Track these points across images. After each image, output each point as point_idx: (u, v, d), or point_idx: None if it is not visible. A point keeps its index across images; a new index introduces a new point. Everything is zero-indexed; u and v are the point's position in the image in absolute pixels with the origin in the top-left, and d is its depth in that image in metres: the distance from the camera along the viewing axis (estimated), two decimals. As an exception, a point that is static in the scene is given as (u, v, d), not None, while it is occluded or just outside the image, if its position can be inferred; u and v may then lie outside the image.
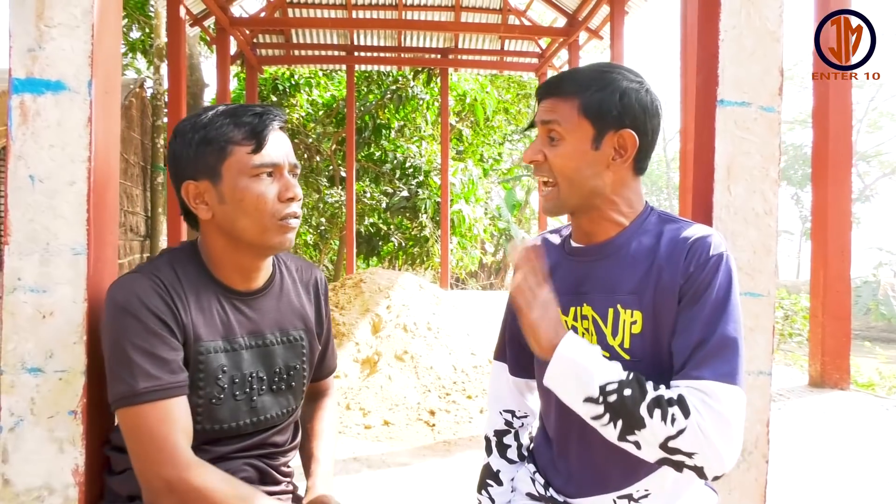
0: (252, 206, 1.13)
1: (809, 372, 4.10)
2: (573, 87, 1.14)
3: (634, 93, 1.13)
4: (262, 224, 1.14)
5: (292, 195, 1.16)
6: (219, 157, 1.13)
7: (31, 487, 1.25)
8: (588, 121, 1.12)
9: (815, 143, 3.93)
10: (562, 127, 1.13)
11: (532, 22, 9.19)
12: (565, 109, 1.14)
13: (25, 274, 1.24)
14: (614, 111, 1.12)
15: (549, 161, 1.15)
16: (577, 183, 1.14)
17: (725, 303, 1.07)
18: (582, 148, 1.13)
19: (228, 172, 1.13)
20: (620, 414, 1.03)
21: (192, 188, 1.16)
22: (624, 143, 1.13)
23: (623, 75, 1.14)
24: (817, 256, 3.94)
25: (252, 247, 1.18)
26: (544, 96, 1.18)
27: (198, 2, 7.47)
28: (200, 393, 1.14)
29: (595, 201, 1.17)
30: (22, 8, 1.24)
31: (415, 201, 11.35)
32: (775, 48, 1.36)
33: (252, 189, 1.13)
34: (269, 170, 1.15)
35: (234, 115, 1.15)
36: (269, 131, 1.15)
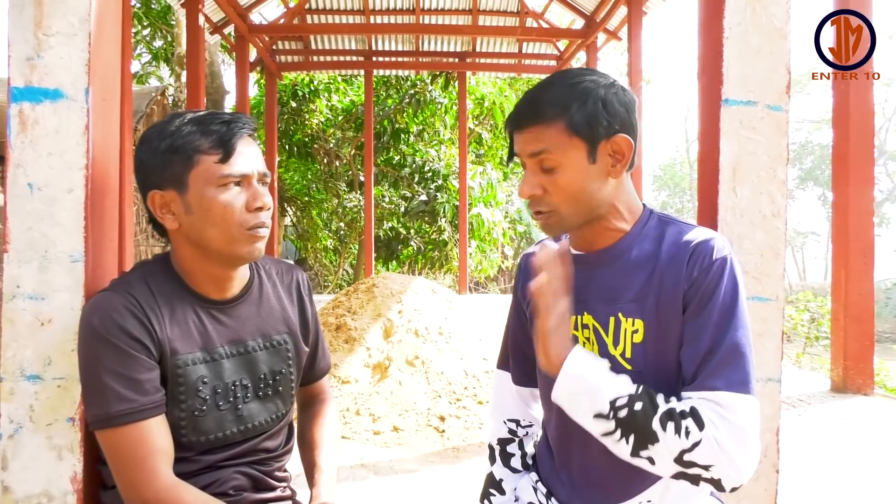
0: (219, 217, 1.11)
1: (831, 377, 4.00)
2: (554, 110, 1.08)
3: (614, 96, 1.10)
4: (230, 234, 1.12)
5: (261, 204, 1.13)
6: (185, 166, 1.11)
7: (30, 495, 1.25)
8: (579, 138, 1.08)
9: (836, 142, 3.84)
10: (554, 153, 1.08)
11: (549, 24, 9.15)
12: (552, 134, 1.08)
13: (24, 281, 1.24)
14: (603, 122, 1.08)
15: (549, 191, 1.11)
16: (583, 202, 1.11)
17: (733, 308, 1.04)
18: (580, 167, 1.09)
19: (195, 182, 1.11)
20: (632, 429, 1.00)
21: (157, 198, 1.14)
22: (619, 147, 1.10)
23: (594, 81, 1.10)
24: (838, 258, 3.84)
25: (221, 256, 1.16)
26: (522, 126, 1.12)
27: (217, 10, 7.57)
28: (182, 406, 1.13)
29: (599, 211, 1.13)
30: (20, 17, 1.25)
31: (433, 205, 11.36)
32: (782, 45, 1.32)
33: (219, 199, 1.10)
34: (237, 179, 1.12)
35: (202, 124, 1.12)
36: (238, 140, 1.12)
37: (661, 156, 44.25)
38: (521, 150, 1.12)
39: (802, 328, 8.81)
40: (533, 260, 1.13)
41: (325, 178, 12.48)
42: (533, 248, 1.34)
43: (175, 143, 1.11)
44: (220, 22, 8.01)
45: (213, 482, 1.18)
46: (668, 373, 1.10)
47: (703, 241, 1.08)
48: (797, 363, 7.70)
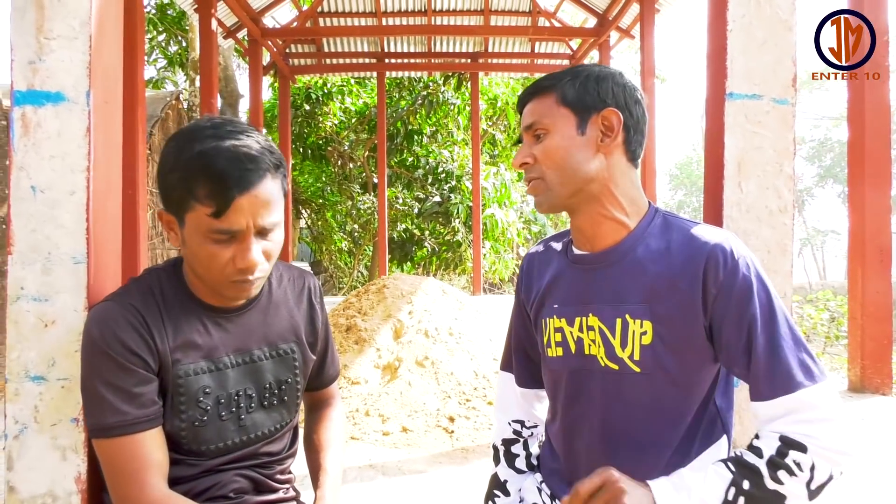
0: (204, 264, 1.09)
1: (849, 376, 3.94)
2: (548, 83, 1.14)
3: (609, 76, 1.13)
4: (213, 281, 1.11)
5: (244, 266, 1.07)
6: (182, 205, 1.07)
7: (35, 495, 1.26)
8: (568, 108, 1.12)
9: (851, 139, 3.79)
10: (544, 122, 1.13)
11: (562, 23, 9.12)
12: (544, 105, 1.13)
13: (28, 283, 1.25)
14: (592, 92, 1.11)
15: (538, 158, 1.13)
16: (569, 170, 1.11)
17: (771, 309, 1.02)
18: (568, 135, 1.11)
19: (190, 223, 1.07)
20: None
21: (164, 216, 1.13)
22: (609, 122, 1.11)
23: (596, 66, 1.16)
24: (855, 255, 3.78)
25: (212, 291, 1.16)
26: (524, 104, 1.19)
27: (231, 14, 7.63)
28: (182, 416, 1.13)
29: (591, 189, 1.12)
30: (23, 21, 1.26)
31: (447, 206, 11.36)
32: (788, 37, 1.29)
33: (206, 248, 1.07)
34: (227, 236, 1.06)
35: (211, 160, 1.03)
36: (237, 194, 1.03)
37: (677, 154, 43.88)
38: (522, 125, 1.18)
39: (822, 328, 8.68)
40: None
41: (339, 181, 12.53)
42: (536, 248, 1.33)
43: (181, 179, 1.05)
44: (233, 26, 8.07)
45: (214, 485, 1.18)
46: (678, 373, 1.08)
47: (720, 243, 1.05)
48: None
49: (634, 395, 1.10)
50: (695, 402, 1.11)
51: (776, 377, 1.00)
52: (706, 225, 1.12)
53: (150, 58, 12.57)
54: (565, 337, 1.17)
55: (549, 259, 1.27)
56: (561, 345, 1.18)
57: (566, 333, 1.17)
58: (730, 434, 1.16)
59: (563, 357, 1.18)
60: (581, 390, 1.17)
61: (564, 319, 1.17)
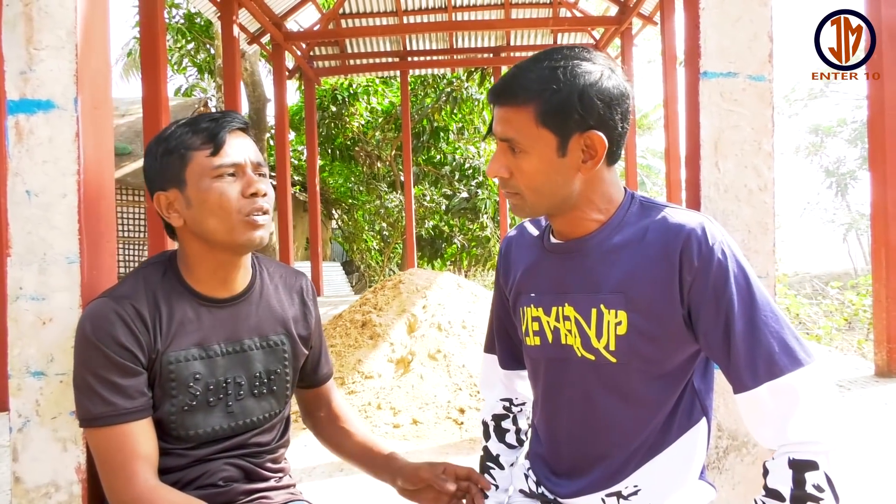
0: (216, 206, 1.16)
1: (875, 361, 3.82)
2: (525, 94, 1.02)
3: (593, 88, 1.02)
4: (229, 222, 1.16)
5: (254, 191, 1.18)
6: (181, 164, 1.17)
7: (39, 484, 1.32)
8: (548, 130, 1.03)
9: (871, 119, 3.70)
10: (522, 142, 1.04)
11: (583, 13, 9.03)
12: (521, 121, 1.03)
13: (26, 283, 1.31)
14: (575, 115, 1.01)
15: (515, 176, 1.08)
16: (548, 193, 1.07)
17: (749, 293, 1.00)
18: (547, 158, 1.04)
19: (192, 177, 1.17)
20: None
21: (162, 199, 1.20)
22: (592, 144, 1.04)
23: (579, 67, 1.03)
24: (878, 237, 3.67)
25: (224, 247, 1.20)
26: (497, 103, 1.07)
27: (254, 20, 7.76)
28: (172, 401, 1.18)
29: (569, 203, 1.10)
30: (13, 34, 1.32)
31: (475, 202, 11.38)
32: (763, 12, 1.27)
33: (214, 189, 1.16)
34: (231, 170, 1.17)
35: (192, 124, 1.19)
36: (226, 133, 1.18)
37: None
38: (495, 128, 1.09)
39: (864, 314, 8.42)
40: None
41: (367, 180, 12.65)
42: (513, 232, 1.33)
43: (169, 145, 1.18)
44: (256, 32, 8.21)
45: (203, 474, 1.22)
46: (655, 362, 1.07)
47: (694, 228, 1.02)
48: (860, 350, 7.36)
49: (612, 384, 1.10)
50: (675, 388, 1.10)
51: (758, 362, 0.97)
52: (681, 209, 1.10)
53: (180, 66, 12.87)
54: (542, 326, 1.17)
55: (525, 245, 1.26)
56: (538, 334, 1.18)
57: (543, 323, 1.17)
58: (709, 416, 1.14)
59: (541, 346, 1.18)
60: (560, 378, 1.17)
61: (541, 309, 1.17)
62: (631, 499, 1.13)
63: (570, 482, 1.19)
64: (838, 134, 25.05)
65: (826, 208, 26.60)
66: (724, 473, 1.31)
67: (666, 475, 1.12)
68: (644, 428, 1.10)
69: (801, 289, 12.08)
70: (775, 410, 0.97)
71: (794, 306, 9.23)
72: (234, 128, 1.20)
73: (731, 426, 1.32)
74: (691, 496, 1.14)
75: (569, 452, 1.19)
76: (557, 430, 1.20)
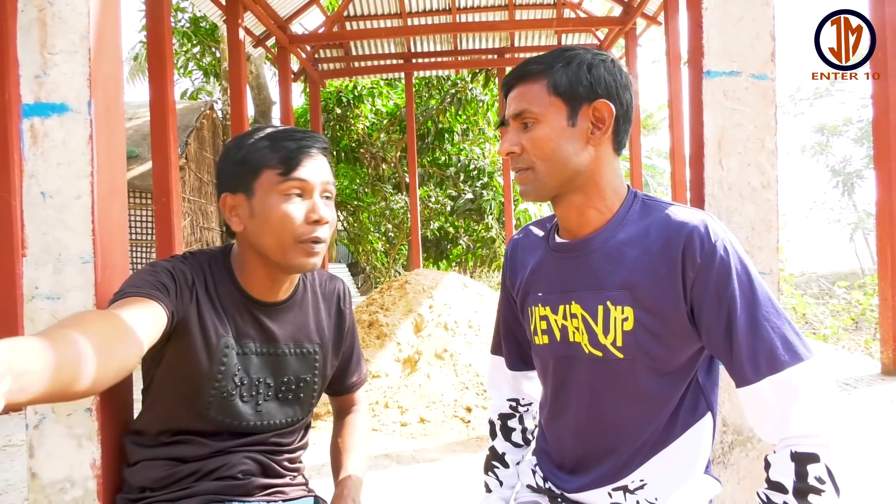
0: (278, 224, 1.17)
1: (881, 359, 3.82)
2: (538, 68, 1.10)
3: (601, 64, 1.10)
4: (284, 244, 1.18)
5: (317, 217, 1.19)
6: (253, 175, 1.19)
7: (55, 480, 1.34)
8: (560, 98, 1.09)
9: (876, 117, 3.70)
10: (534, 111, 1.10)
11: (587, 13, 9.03)
12: (534, 92, 1.10)
13: (42, 283, 1.34)
14: (584, 82, 1.08)
15: (527, 148, 1.11)
16: (559, 163, 1.10)
17: (752, 290, 1.02)
18: (559, 126, 1.09)
19: (260, 190, 1.19)
20: None
21: (228, 200, 1.23)
22: (601, 114, 1.09)
23: (586, 50, 1.12)
24: (883, 236, 3.67)
25: (276, 265, 1.22)
26: (510, 87, 1.15)
27: (259, 24, 7.80)
28: (216, 384, 1.20)
29: (577, 182, 1.12)
30: (28, 38, 1.34)
31: (480, 203, 11.39)
32: (765, 11, 1.28)
33: (280, 207, 1.17)
34: (298, 190, 1.19)
35: (273, 140, 1.21)
36: (303, 156, 1.19)
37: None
38: (509, 111, 1.14)
39: (871, 313, 8.38)
40: None
41: (372, 182, 12.68)
42: (518, 234, 1.35)
43: (248, 155, 1.20)
44: (262, 35, 8.25)
45: (223, 465, 1.24)
46: (661, 358, 1.08)
47: (696, 226, 1.04)
48: (867, 350, 7.34)
49: (619, 380, 1.11)
50: (679, 384, 1.11)
51: (759, 357, 0.99)
52: (683, 206, 1.11)
53: (186, 69, 12.93)
54: (550, 325, 1.19)
55: (531, 246, 1.28)
56: (546, 333, 1.19)
57: (551, 321, 1.18)
58: (714, 411, 1.15)
59: (550, 345, 1.19)
60: (568, 376, 1.18)
61: (549, 307, 1.18)
62: (637, 493, 1.14)
63: (577, 477, 1.20)
64: (844, 133, 24.94)
65: (832, 208, 26.47)
66: (730, 468, 1.32)
67: (671, 469, 1.13)
68: (650, 423, 1.12)
69: (808, 289, 12.04)
70: (776, 404, 0.99)
71: (801, 306, 9.20)
72: (313, 151, 1.21)
73: (737, 421, 1.33)
74: (697, 490, 1.15)
75: (575, 448, 1.20)
76: (565, 426, 1.21)
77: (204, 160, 9.82)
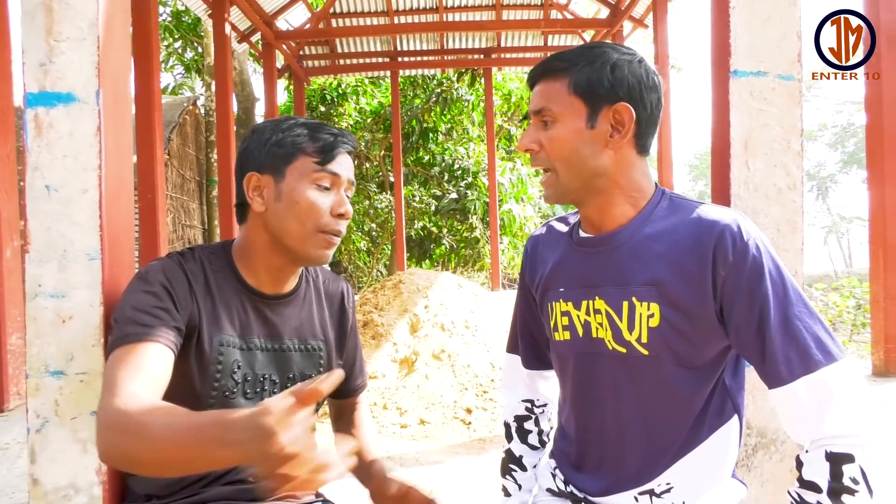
0: (304, 211, 1.18)
1: (872, 360, 3.89)
2: (561, 65, 1.09)
3: (626, 64, 1.07)
4: (307, 231, 1.18)
5: (343, 211, 1.21)
6: (287, 159, 1.20)
7: (58, 486, 1.29)
8: (579, 98, 1.07)
9: (869, 121, 3.77)
10: (554, 110, 1.09)
11: (574, 15, 9.06)
12: (555, 90, 1.09)
13: (45, 280, 1.28)
14: (606, 83, 1.06)
15: (545, 146, 1.10)
16: (576, 165, 1.09)
17: (784, 289, 1.01)
18: (577, 127, 1.08)
19: (291, 174, 1.19)
20: None
21: (254, 179, 1.21)
22: (620, 117, 1.07)
23: (614, 48, 1.09)
24: (875, 238, 3.73)
25: (290, 252, 1.21)
26: (534, 82, 1.14)
27: (244, 18, 7.70)
28: (216, 385, 1.17)
29: (598, 184, 1.10)
30: (32, 25, 1.29)
31: (464, 203, 11.36)
32: (792, 12, 1.28)
33: (308, 194, 1.18)
34: (329, 182, 1.20)
35: (313, 130, 1.22)
36: (338, 151, 1.21)
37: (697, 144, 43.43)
38: (530, 107, 1.14)
39: (848, 315, 8.52)
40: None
41: (356, 181, 12.60)
42: (539, 231, 1.33)
43: (285, 138, 1.20)
44: (247, 30, 8.14)
45: (232, 469, 1.20)
46: (687, 355, 1.07)
47: (728, 224, 1.03)
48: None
49: (643, 377, 1.10)
50: (706, 383, 1.10)
51: (793, 357, 0.98)
52: (713, 205, 1.10)
53: (167, 65, 12.73)
54: (572, 321, 1.17)
55: (553, 242, 1.26)
56: (568, 328, 1.18)
57: (573, 317, 1.17)
58: (741, 413, 1.15)
59: (571, 341, 1.18)
60: (590, 373, 1.16)
61: (571, 303, 1.17)
62: (664, 496, 1.12)
63: (600, 480, 1.18)
64: (819, 138, 25.40)
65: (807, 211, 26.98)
66: (753, 471, 1.31)
67: (699, 473, 1.11)
68: (674, 424, 1.10)
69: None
70: (811, 404, 0.98)
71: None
72: (346, 149, 1.24)
73: (760, 424, 1.32)
74: (724, 494, 1.14)
75: (598, 449, 1.18)
76: (587, 426, 1.19)
77: (186, 156, 9.67)
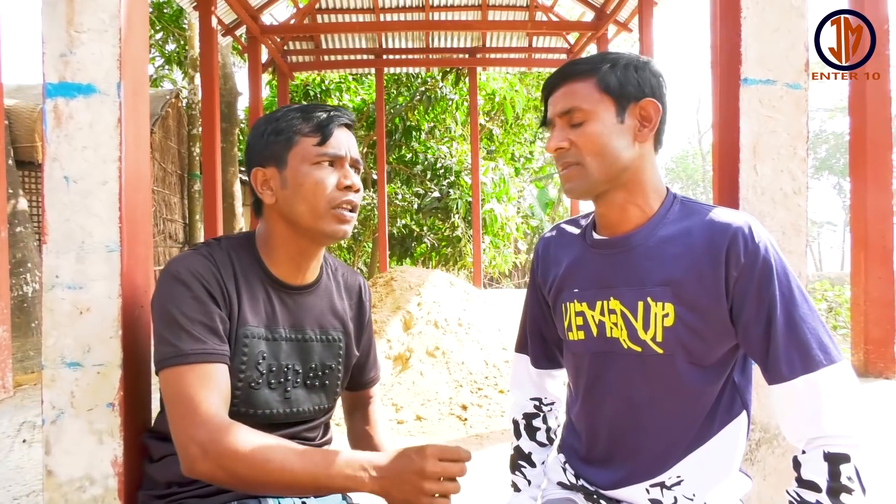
0: (310, 192, 1.19)
1: (852, 362, 3.99)
2: (587, 68, 1.14)
3: (645, 65, 1.15)
4: (318, 210, 1.19)
5: (349, 183, 1.22)
6: (286, 145, 1.21)
7: (73, 478, 1.29)
8: (609, 96, 1.12)
9: (853, 127, 3.86)
10: (585, 108, 1.12)
11: (559, 17, 9.12)
12: (584, 90, 1.13)
13: (63, 271, 1.28)
14: (633, 81, 1.12)
15: (575, 143, 1.14)
16: (609, 157, 1.13)
17: (790, 291, 1.05)
18: (609, 122, 1.12)
19: (293, 159, 1.20)
20: None
21: (260, 175, 1.23)
22: (647, 112, 1.13)
23: (628, 54, 1.17)
24: (857, 242, 3.83)
25: (308, 233, 1.22)
26: (554, 87, 1.17)
27: (229, 12, 7.63)
28: (240, 376, 1.18)
29: (623, 178, 1.14)
30: (53, 15, 1.28)
31: (446, 202, 11.38)
32: (800, 24, 1.33)
33: (312, 175, 1.19)
34: (331, 160, 1.21)
35: (305, 111, 1.23)
36: (335, 126, 1.22)
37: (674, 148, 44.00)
38: (553, 110, 1.17)
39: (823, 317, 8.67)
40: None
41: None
42: (550, 233, 1.36)
43: (279, 126, 1.22)
44: (231, 24, 8.06)
45: None
46: (700, 354, 1.11)
47: (741, 226, 1.08)
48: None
49: (657, 375, 1.14)
50: (717, 380, 1.14)
51: (795, 356, 1.02)
52: (725, 208, 1.15)
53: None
54: (587, 321, 1.20)
55: (565, 243, 1.29)
56: (582, 328, 1.21)
57: (587, 317, 1.20)
58: (749, 410, 1.18)
59: (585, 341, 1.21)
60: (604, 372, 1.20)
61: (585, 303, 1.20)
62: (674, 489, 1.16)
63: (610, 472, 1.21)
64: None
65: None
66: (756, 465, 1.36)
67: (708, 466, 1.15)
68: (686, 420, 1.14)
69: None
70: (809, 403, 1.02)
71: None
72: (343, 123, 1.24)
73: (764, 419, 1.37)
74: (731, 487, 1.18)
75: (609, 442, 1.22)
76: (599, 423, 1.22)
77: (169, 150, 9.54)
